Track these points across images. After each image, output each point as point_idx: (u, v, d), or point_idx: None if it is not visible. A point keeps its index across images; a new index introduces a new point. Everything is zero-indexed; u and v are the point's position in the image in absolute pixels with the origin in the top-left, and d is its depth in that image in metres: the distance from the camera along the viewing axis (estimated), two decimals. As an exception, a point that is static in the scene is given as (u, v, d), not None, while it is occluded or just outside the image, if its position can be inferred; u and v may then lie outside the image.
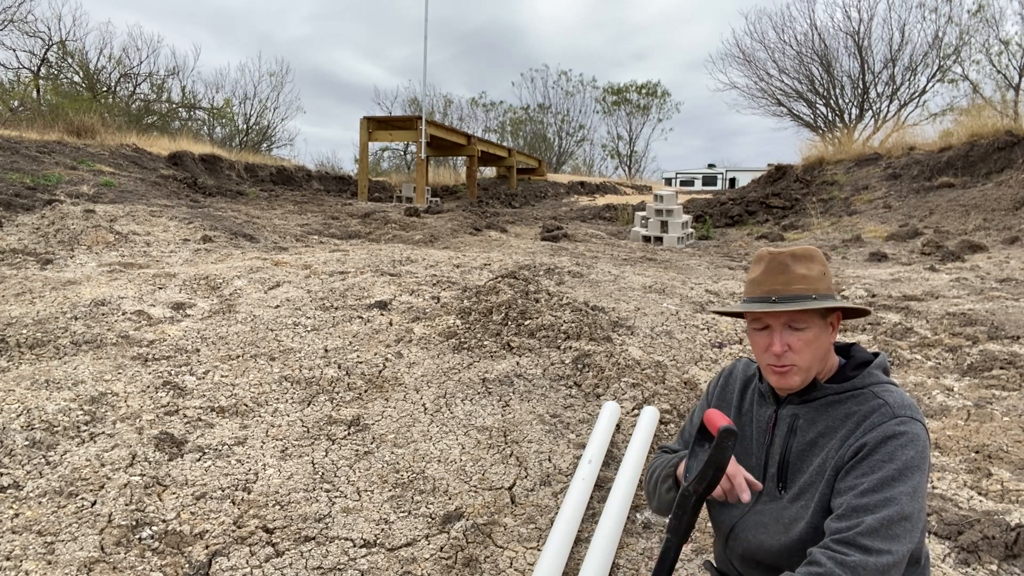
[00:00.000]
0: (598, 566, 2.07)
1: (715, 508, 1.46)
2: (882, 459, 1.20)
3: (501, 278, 5.20)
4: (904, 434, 1.21)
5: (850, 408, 1.29)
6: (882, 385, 1.30)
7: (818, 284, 1.31)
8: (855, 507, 1.18)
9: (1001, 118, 14.12)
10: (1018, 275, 7.06)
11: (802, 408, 1.35)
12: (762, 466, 1.39)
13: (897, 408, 1.24)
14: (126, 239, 7.21)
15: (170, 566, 2.11)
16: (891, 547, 1.15)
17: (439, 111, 38.00)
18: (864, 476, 1.20)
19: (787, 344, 1.29)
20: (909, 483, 1.18)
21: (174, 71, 27.36)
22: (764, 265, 1.34)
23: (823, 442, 1.30)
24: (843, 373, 1.36)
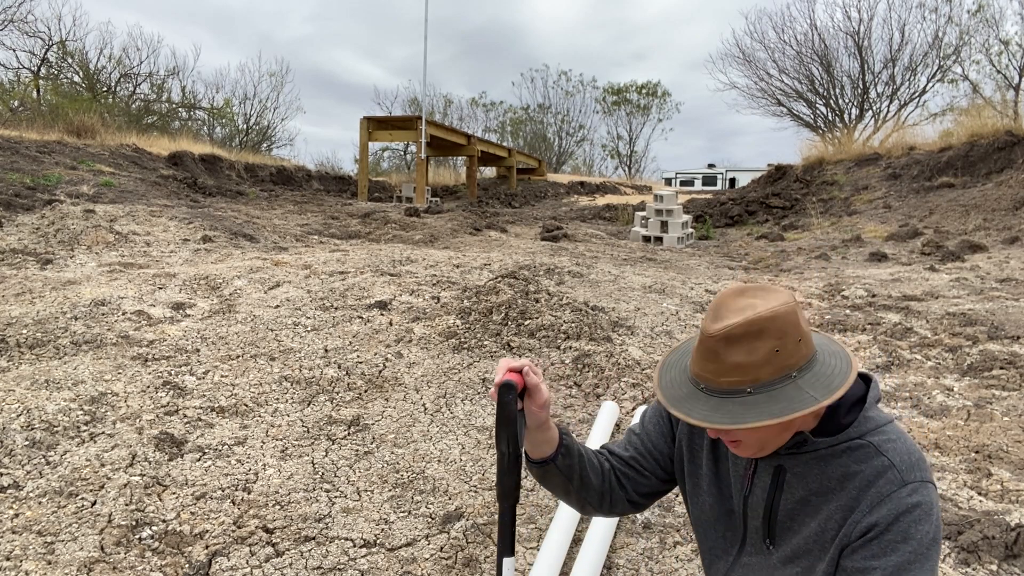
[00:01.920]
0: (590, 566, 2.07)
1: (704, 557, 1.32)
2: (896, 539, 1.03)
3: (501, 278, 5.20)
4: (918, 506, 1.03)
5: (848, 466, 1.09)
6: (882, 433, 1.10)
7: (761, 371, 1.02)
8: None
9: (1001, 118, 14.13)
10: (1018, 275, 7.06)
11: (788, 460, 1.14)
12: (741, 515, 1.21)
13: (906, 472, 1.06)
14: (126, 239, 7.21)
15: (170, 566, 2.11)
16: None
17: (439, 111, 38.01)
18: (876, 559, 1.04)
19: (727, 433, 1.09)
20: (927, 566, 1.03)
21: (174, 71, 27.37)
22: (697, 344, 1.09)
23: (817, 502, 1.12)
24: (835, 419, 1.12)
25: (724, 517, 1.24)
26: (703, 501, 1.26)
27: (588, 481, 1.30)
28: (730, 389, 1.03)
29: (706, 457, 1.25)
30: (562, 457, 1.28)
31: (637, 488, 1.34)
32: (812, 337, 1.10)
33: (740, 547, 1.23)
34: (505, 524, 1.22)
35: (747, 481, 1.19)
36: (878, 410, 1.14)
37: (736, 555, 1.23)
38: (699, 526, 1.29)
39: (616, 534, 2.39)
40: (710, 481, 1.25)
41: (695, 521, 1.30)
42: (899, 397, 3.71)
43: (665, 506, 2.57)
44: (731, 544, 1.24)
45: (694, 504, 1.29)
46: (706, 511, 1.26)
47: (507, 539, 1.22)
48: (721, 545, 1.25)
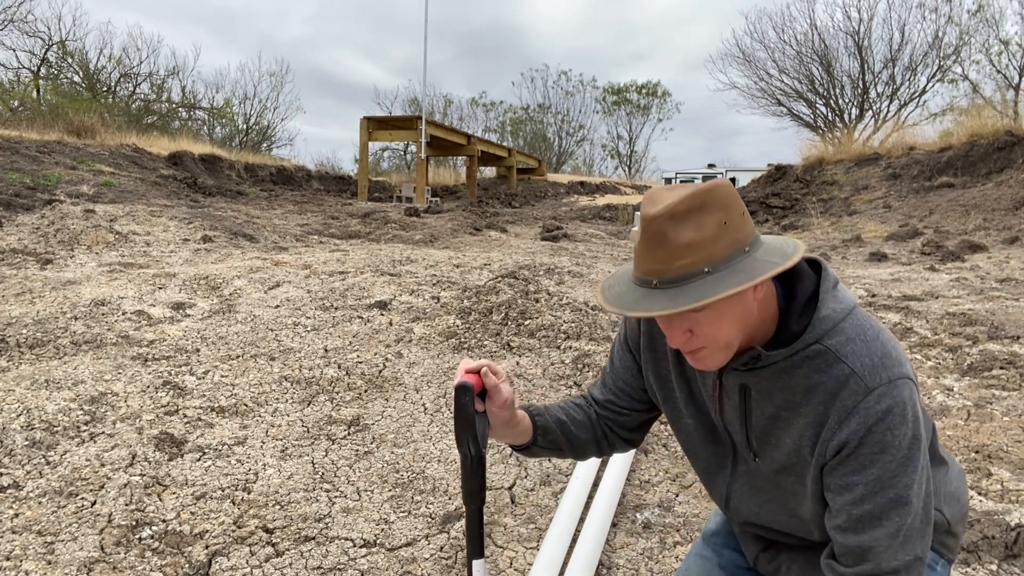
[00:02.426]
0: (583, 567, 2.07)
1: (701, 478, 1.28)
2: (872, 451, 0.97)
3: (501, 278, 5.20)
4: (889, 412, 0.96)
5: (809, 377, 1.01)
6: (839, 333, 1.01)
7: (714, 246, 0.93)
8: (860, 518, 1.00)
9: (1001, 118, 14.13)
10: (1018, 275, 7.06)
11: (750, 376, 1.07)
12: (724, 431, 1.17)
13: (870, 377, 0.97)
14: (126, 239, 7.21)
15: (170, 566, 2.11)
16: (914, 551, 1.00)
17: (439, 111, 38.04)
18: (856, 474, 0.99)
19: (686, 331, 1.00)
20: (910, 468, 0.98)
21: (174, 71, 27.42)
22: (641, 235, 0.98)
23: (788, 417, 1.05)
24: (787, 327, 1.04)
25: (710, 434, 1.20)
26: (685, 424, 1.23)
27: (577, 440, 1.29)
28: (687, 273, 0.94)
29: (676, 381, 1.21)
30: (541, 438, 1.27)
31: (624, 425, 1.31)
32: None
33: (733, 460, 1.20)
34: (473, 527, 1.21)
35: (716, 401, 1.15)
36: (836, 300, 1.04)
37: (732, 469, 1.20)
38: (689, 449, 1.26)
39: (616, 534, 2.39)
40: (686, 403, 1.20)
41: (684, 446, 1.27)
42: (899, 397, 3.71)
43: (665, 506, 2.57)
44: (724, 459, 1.21)
45: (678, 430, 1.25)
46: (691, 433, 1.22)
47: (475, 541, 1.21)
48: (715, 461, 1.22)
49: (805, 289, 1.05)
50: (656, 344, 1.23)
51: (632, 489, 2.70)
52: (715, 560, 1.36)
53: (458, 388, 1.15)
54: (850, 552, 1.02)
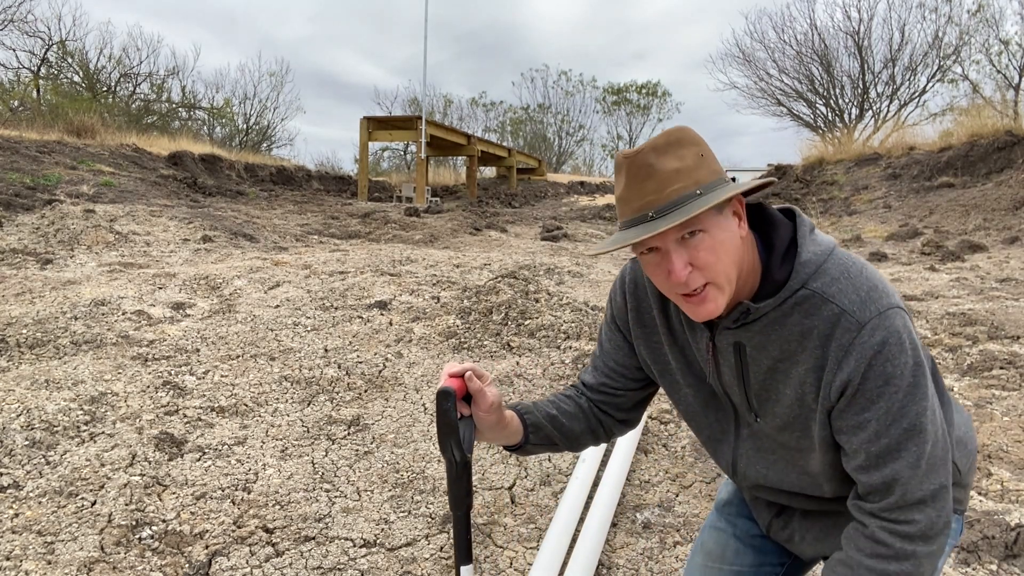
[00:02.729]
0: (583, 567, 2.07)
1: (706, 447, 1.27)
2: (877, 385, 0.97)
3: (501, 278, 5.20)
4: (885, 343, 0.96)
5: (801, 323, 1.01)
6: (823, 274, 1.01)
7: (699, 174, 0.97)
8: (878, 454, 0.99)
9: (1001, 118, 14.13)
10: (1018, 275, 7.06)
11: (743, 333, 1.06)
12: (723, 394, 1.16)
13: (860, 311, 0.98)
14: (126, 239, 7.21)
15: (170, 566, 2.10)
16: (938, 479, 0.99)
17: (439, 111, 38.03)
18: (866, 411, 0.99)
19: (688, 263, 0.98)
20: (919, 395, 0.97)
21: (174, 71, 27.41)
22: (625, 174, 1.00)
23: (786, 368, 1.05)
24: (770, 276, 1.05)
25: (710, 401, 1.20)
26: (684, 394, 1.22)
27: (571, 433, 1.28)
28: (680, 197, 0.96)
29: (670, 352, 1.20)
30: (532, 436, 1.26)
31: (619, 407, 1.31)
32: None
33: (736, 425, 1.19)
34: (460, 532, 1.20)
35: (711, 364, 1.13)
36: (814, 244, 1.05)
37: (736, 433, 1.19)
38: (691, 419, 1.25)
39: (616, 534, 2.39)
40: (683, 372, 1.20)
41: (685, 416, 1.26)
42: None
43: (665, 506, 2.58)
44: (727, 424, 1.20)
45: (678, 401, 1.24)
46: (691, 402, 1.22)
47: (463, 547, 1.20)
48: (718, 427, 1.21)
49: (783, 238, 1.07)
50: (644, 319, 1.22)
51: (632, 489, 2.70)
52: (730, 531, 1.36)
53: (439, 393, 1.14)
54: (875, 489, 1.00)
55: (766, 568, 1.33)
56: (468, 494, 1.19)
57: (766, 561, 1.33)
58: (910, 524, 0.98)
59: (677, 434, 3.16)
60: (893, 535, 0.99)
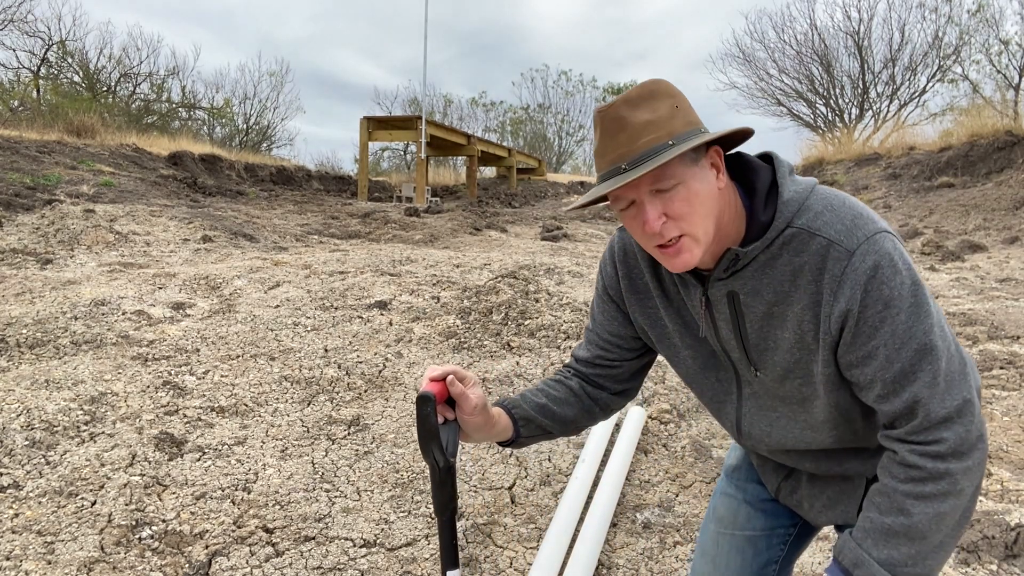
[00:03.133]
0: (582, 567, 2.07)
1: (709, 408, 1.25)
2: (877, 311, 0.96)
3: (501, 278, 5.20)
4: (878, 267, 0.95)
5: (792, 262, 1.01)
6: (807, 211, 1.01)
7: (672, 125, 0.97)
8: (893, 380, 0.97)
9: (1001, 118, 14.13)
10: (1018, 275, 7.06)
11: (735, 282, 1.06)
12: (722, 352, 1.15)
13: (847, 239, 0.97)
14: (126, 239, 7.21)
15: (170, 566, 2.11)
16: (960, 394, 0.97)
17: (439, 111, 38.03)
18: (872, 339, 0.97)
19: (662, 213, 0.99)
20: (922, 314, 0.96)
21: (174, 71, 27.40)
22: (599, 128, 1.01)
23: (781, 311, 1.04)
24: (756, 220, 1.04)
25: (710, 361, 1.18)
26: (683, 357, 1.20)
27: (563, 418, 1.27)
28: (652, 148, 0.96)
29: (666, 315, 1.19)
30: (524, 429, 1.24)
31: (616, 379, 1.29)
32: None
33: (737, 383, 1.17)
34: (445, 537, 1.19)
35: (707, 321, 1.12)
36: (795, 183, 1.04)
37: (738, 393, 1.18)
38: (692, 382, 1.23)
39: (616, 534, 2.39)
40: (680, 335, 1.18)
41: (687, 380, 1.24)
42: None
43: (665, 506, 2.58)
44: (728, 384, 1.19)
45: (678, 365, 1.23)
46: (690, 365, 1.20)
47: (449, 552, 1.20)
48: (720, 388, 1.20)
49: (764, 181, 1.06)
50: (637, 285, 1.21)
51: (632, 489, 2.70)
52: (740, 496, 1.36)
53: (419, 398, 1.12)
54: (898, 415, 0.99)
55: (779, 531, 1.32)
56: (452, 499, 1.18)
57: (778, 524, 1.32)
58: (940, 443, 0.96)
59: (677, 434, 3.16)
60: (924, 456, 0.97)
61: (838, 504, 1.19)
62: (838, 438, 1.11)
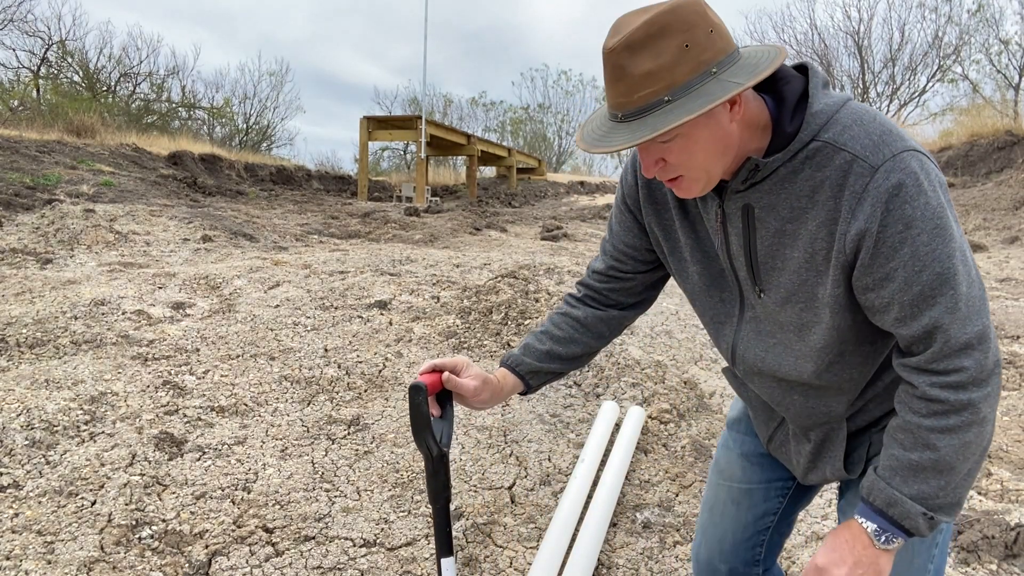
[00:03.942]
0: (581, 567, 2.07)
1: (709, 329, 1.24)
2: (897, 231, 0.91)
3: (501, 278, 5.20)
4: (901, 185, 0.91)
5: (812, 177, 0.97)
6: (835, 124, 0.96)
7: (674, 75, 0.90)
8: (912, 303, 0.94)
9: (1001, 118, 14.13)
10: (1018, 275, 7.06)
11: (752, 194, 1.02)
12: (730, 270, 1.12)
13: (873, 155, 0.92)
14: (126, 239, 7.21)
15: (170, 566, 2.11)
16: (981, 321, 0.94)
17: (439, 111, 38.03)
18: (890, 260, 0.93)
19: (659, 160, 0.98)
20: (945, 237, 0.91)
21: (174, 71, 27.40)
22: (604, 68, 0.96)
23: (794, 229, 1.00)
24: (781, 130, 0.99)
25: (717, 280, 1.17)
26: (691, 272, 1.19)
27: (572, 355, 1.29)
28: (647, 104, 0.91)
29: (680, 228, 1.17)
30: (533, 380, 1.27)
31: (631, 291, 1.31)
32: (730, 34, 0.96)
33: (740, 305, 1.15)
34: (440, 525, 1.22)
35: (720, 234, 1.10)
36: (827, 96, 0.99)
37: (739, 315, 1.16)
38: (696, 299, 1.22)
39: (616, 534, 2.39)
40: (692, 249, 1.17)
41: (691, 296, 1.23)
42: (899, 397, 3.71)
43: (665, 506, 2.58)
44: (731, 306, 1.17)
45: (684, 280, 1.22)
46: (696, 281, 1.19)
47: (443, 540, 1.22)
48: (722, 309, 1.18)
49: (794, 90, 1.01)
50: (655, 195, 1.19)
51: (632, 489, 2.70)
52: (736, 449, 1.38)
53: (411, 388, 1.16)
54: (916, 340, 0.96)
55: (776, 484, 1.34)
56: (446, 487, 1.20)
57: (775, 477, 1.33)
58: (960, 372, 0.94)
59: (677, 434, 3.16)
60: (945, 389, 0.95)
61: (822, 455, 1.18)
62: (828, 370, 1.09)
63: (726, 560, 1.37)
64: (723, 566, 1.38)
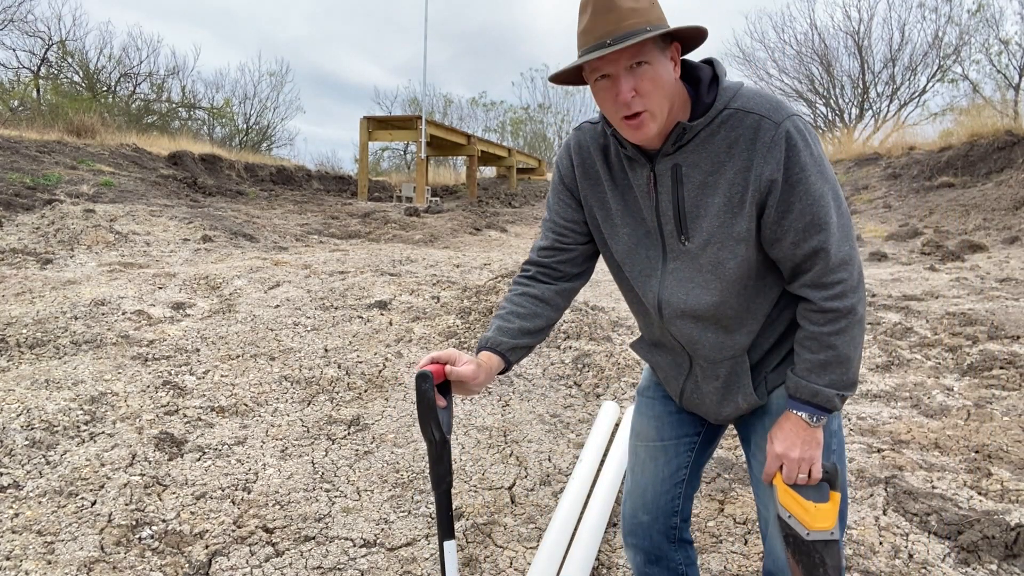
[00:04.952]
0: (579, 566, 2.07)
1: (634, 286, 1.42)
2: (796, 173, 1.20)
3: (501, 278, 5.20)
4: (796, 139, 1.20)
5: (728, 136, 1.23)
6: (741, 96, 1.24)
7: (650, 15, 1.20)
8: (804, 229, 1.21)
9: (1001, 118, 14.13)
10: (1018, 275, 7.06)
11: (680, 155, 1.27)
12: (656, 227, 1.34)
13: (774, 114, 1.21)
14: (126, 239, 7.21)
15: (170, 566, 2.11)
16: (849, 240, 1.23)
17: (439, 111, 38.03)
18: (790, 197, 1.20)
19: (633, 88, 1.19)
20: (826, 176, 1.22)
21: (174, 71, 27.41)
22: (590, 9, 1.21)
23: (714, 180, 1.25)
24: (700, 102, 1.26)
25: (643, 239, 1.37)
26: (621, 235, 1.39)
27: (540, 329, 1.46)
28: (633, 30, 1.17)
29: (611, 196, 1.38)
30: (512, 356, 1.41)
31: (573, 262, 1.49)
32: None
33: (663, 258, 1.35)
34: (442, 509, 1.29)
35: (652, 193, 1.31)
36: (730, 80, 1.28)
37: (662, 267, 1.35)
38: (625, 260, 1.40)
39: (616, 534, 2.39)
40: (622, 214, 1.37)
41: (620, 258, 1.41)
42: (899, 397, 3.71)
43: (665, 506, 2.57)
44: (655, 260, 1.36)
45: (615, 242, 1.40)
46: (626, 241, 1.38)
47: (445, 523, 1.29)
48: (648, 264, 1.37)
49: (706, 75, 1.29)
50: (589, 172, 1.41)
51: (632, 489, 2.70)
52: (649, 412, 1.57)
53: (418, 376, 1.24)
54: (805, 258, 1.23)
55: (685, 440, 1.53)
56: (448, 472, 1.27)
57: (683, 433, 1.53)
58: (842, 283, 1.22)
59: (677, 434, 3.16)
60: (834, 299, 1.23)
61: (731, 387, 1.38)
62: (737, 300, 1.31)
63: (648, 511, 1.54)
64: (646, 516, 1.54)
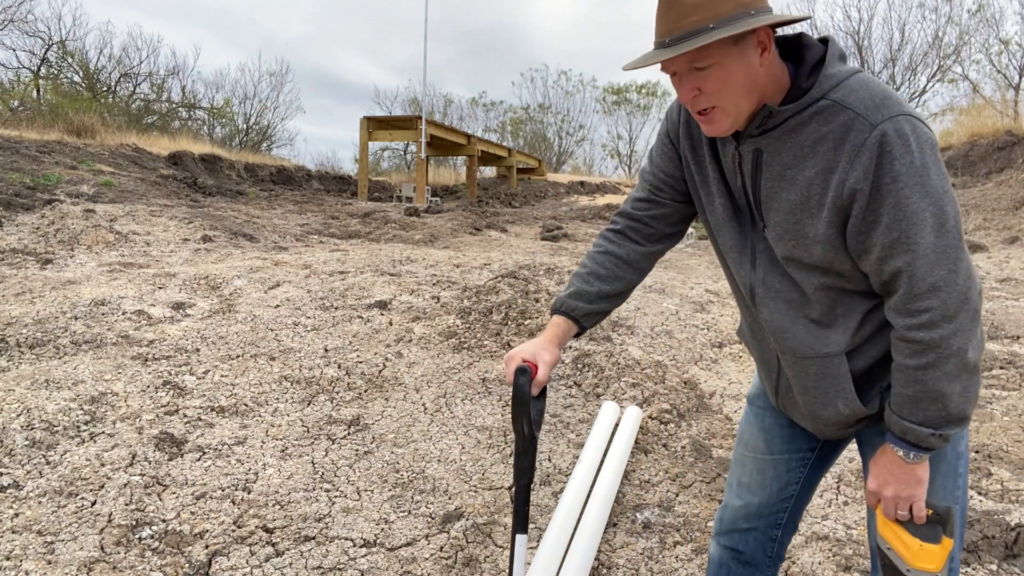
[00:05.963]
0: (578, 566, 2.07)
1: (728, 262, 1.35)
2: (887, 183, 1.05)
3: (501, 278, 5.20)
4: (893, 144, 1.04)
5: (817, 131, 1.10)
6: (844, 87, 1.09)
7: (721, 7, 1.06)
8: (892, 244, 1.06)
9: (1001, 118, 14.13)
10: (1018, 275, 7.06)
11: (763, 140, 1.17)
12: (746, 207, 1.27)
13: (873, 115, 1.05)
14: (126, 239, 7.21)
15: (170, 566, 2.11)
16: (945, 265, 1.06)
17: (439, 111, 38.02)
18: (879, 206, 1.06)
19: (696, 88, 1.12)
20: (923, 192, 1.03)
21: (174, 71, 27.40)
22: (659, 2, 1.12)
23: (792, 174, 1.14)
24: (797, 86, 1.14)
25: (735, 214, 1.30)
26: (716, 204, 1.32)
27: (619, 292, 1.42)
28: (694, 29, 1.07)
29: (710, 163, 1.31)
30: (586, 322, 1.39)
31: (667, 220, 1.43)
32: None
33: (753, 238, 1.29)
34: (520, 502, 1.28)
35: (737, 174, 1.25)
36: (842, 64, 1.14)
37: (754, 247, 1.29)
38: (720, 230, 1.33)
39: (616, 534, 2.39)
40: (718, 183, 1.30)
41: (716, 228, 1.34)
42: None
43: (665, 506, 2.58)
44: (749, 237, 1.29)
45: (711, 211, 1.34)
46: (721, 212, 1.31)
47: (521, 517, 1.28)
48: (742, 239, 1.30)
49: (812, 57, 1.15)
50: (693, 132, 1.33)
51: (632, 489, 2.70)
52: (757, 423, 1.48)
53: (518, 371, 1.25)
54: (889, 280, 1.11)
55: (798, 455, 1.44)
56: (531, 467, 1.28)
57: (795, 448, 1.43)
58: (928, 312, 1.07)
59: (677, 434, 3.16)
60: (918, 328, 1.09)
61: (826, 391, 1.25)
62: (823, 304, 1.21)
63: (750, 521, 1.47)
64: (745, 524, 1.48)
